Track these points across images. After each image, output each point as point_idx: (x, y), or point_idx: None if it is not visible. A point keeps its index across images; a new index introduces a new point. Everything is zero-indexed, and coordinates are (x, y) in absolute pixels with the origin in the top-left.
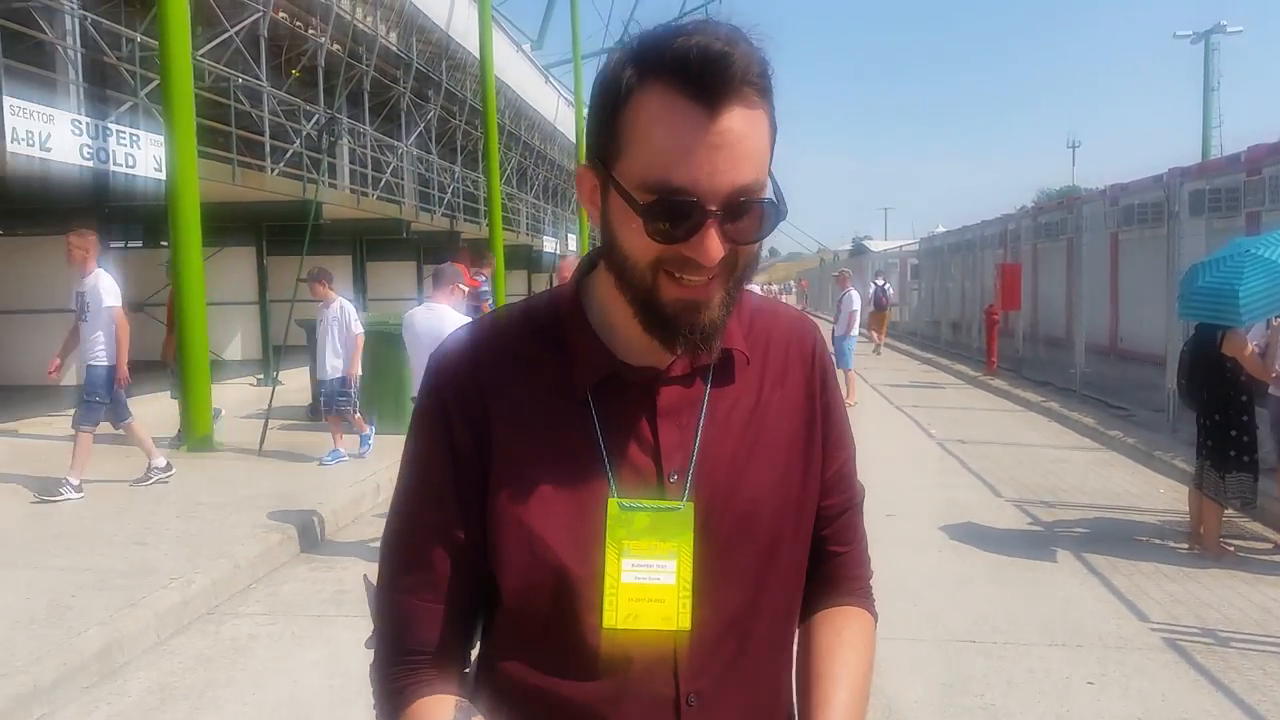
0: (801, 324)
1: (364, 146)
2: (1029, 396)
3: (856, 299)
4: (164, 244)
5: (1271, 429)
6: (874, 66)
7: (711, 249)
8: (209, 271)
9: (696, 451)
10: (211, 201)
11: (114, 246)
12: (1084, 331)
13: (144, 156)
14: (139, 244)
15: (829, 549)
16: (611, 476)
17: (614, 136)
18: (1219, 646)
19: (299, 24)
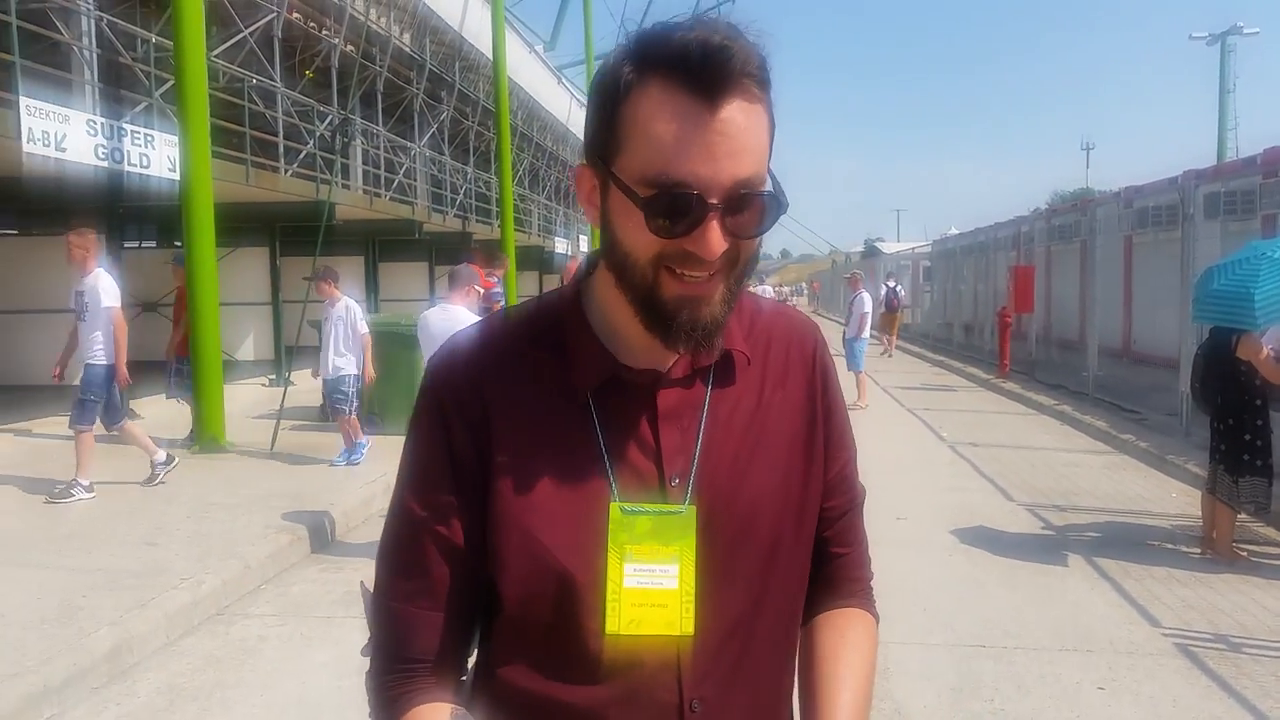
0: (802, 325)
1: (377, 147)
2: (1041, 399)
3: (868, 301)
4: (177, 244)
5: None
6: (888, 68)
7: (713, 242)
8: (222, 272)
9: (698, 454)
10: (225, 202)
11: (128, 246)
12: (1097, 334)
13: (158, 157)
14: (153, 244)
15: (831, 550)
16: (613, 480)
17: (613, 133)
18: (1231, 652)
19: (313, 25)
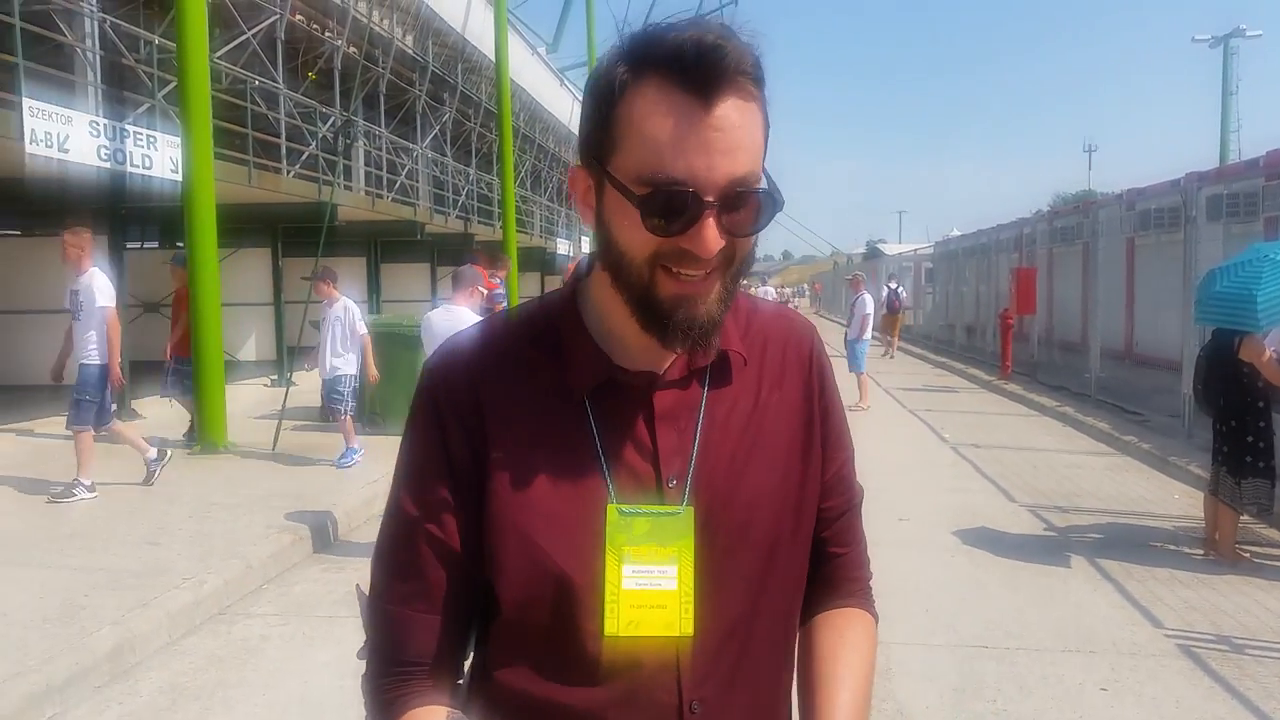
0: (799, 326)
1: (379, 149)
2: (1043, 401)
3: (870, 302)
4: (179, 245)
5: None
6: (890, 69)
7: (709, 240)
8: (224, 273)
9: (695, 455)
10: (227, 203)
11: (130, 247)
12: (1099, 336)
13: (161, 158)
14: (155, 245)
15: (829, 550)
16: (610, 482)
17: (609, 132)
18: (1234, 653)
19: (315, 27)
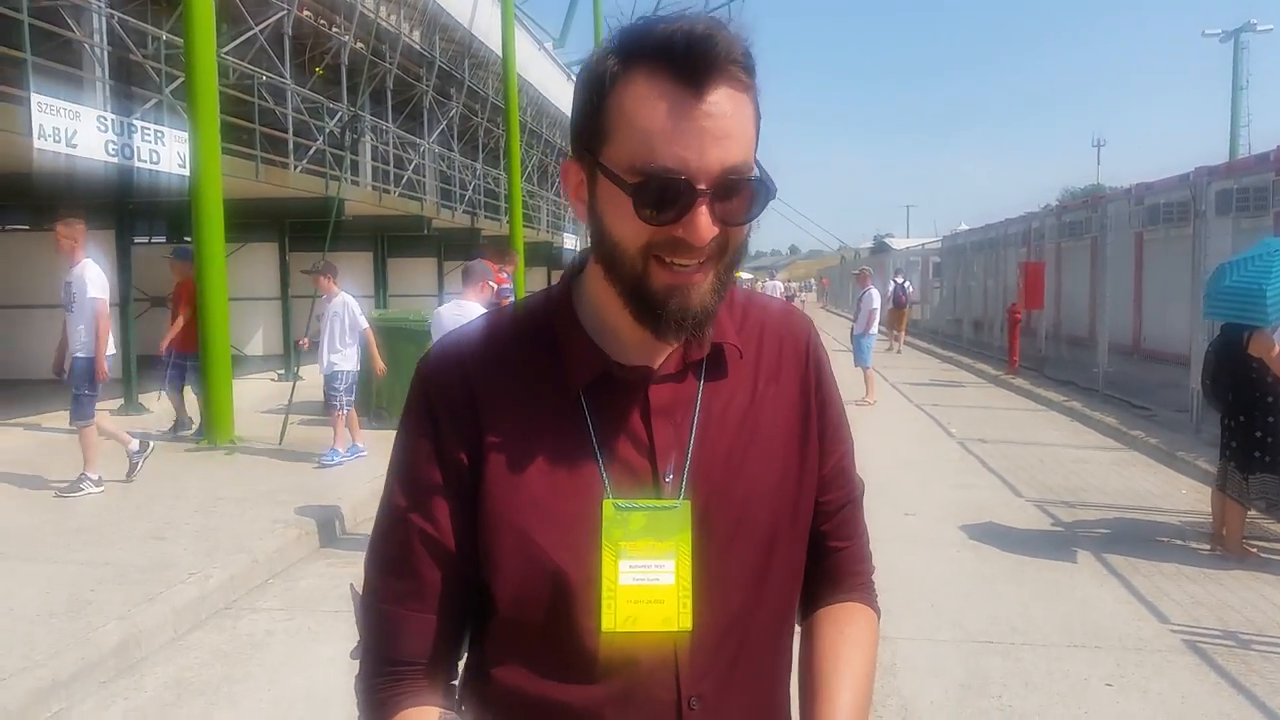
0: (795, 319)
1: (386, 144)
2: (1051, 396)
3: (876, 297)
4: (187, 239)
5: None
6: (898, 65)
7: (702, 228)
8: (232, 267)
9: (692, 449)
10: (234, 198)
11: (138, 242)
12: (1107, 331)
13: (168, 153)
14: (163, 239)
15: (829, 544)
16: (606, 477)
17: (600, 124)
18: (1240, 649)
19: (323, 22)
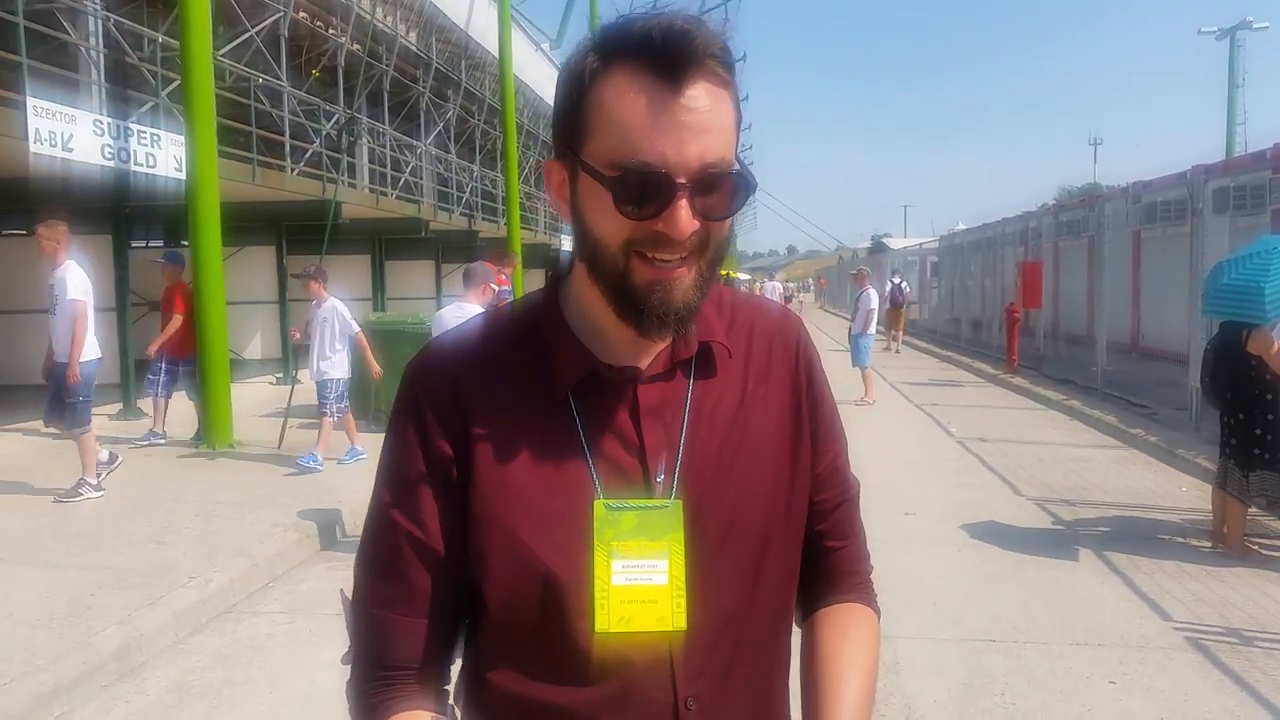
0: (785, 319)
1: (383, 146)
2: (1050, 394)
3: (874, 297)
4: (184, 243)
5: None
6: (896, 66)
7: (682, 222)
8: (229, 271)
9: (682, 448)
10: (231, 201)
11: (135, 246)
12: (1106, 329)
13: (165, 156)
14: (160, 243)
15: (826, 544)
16: (596, 477)
17: (580, 121)
18: (1243, 646)
19: (319, 24)
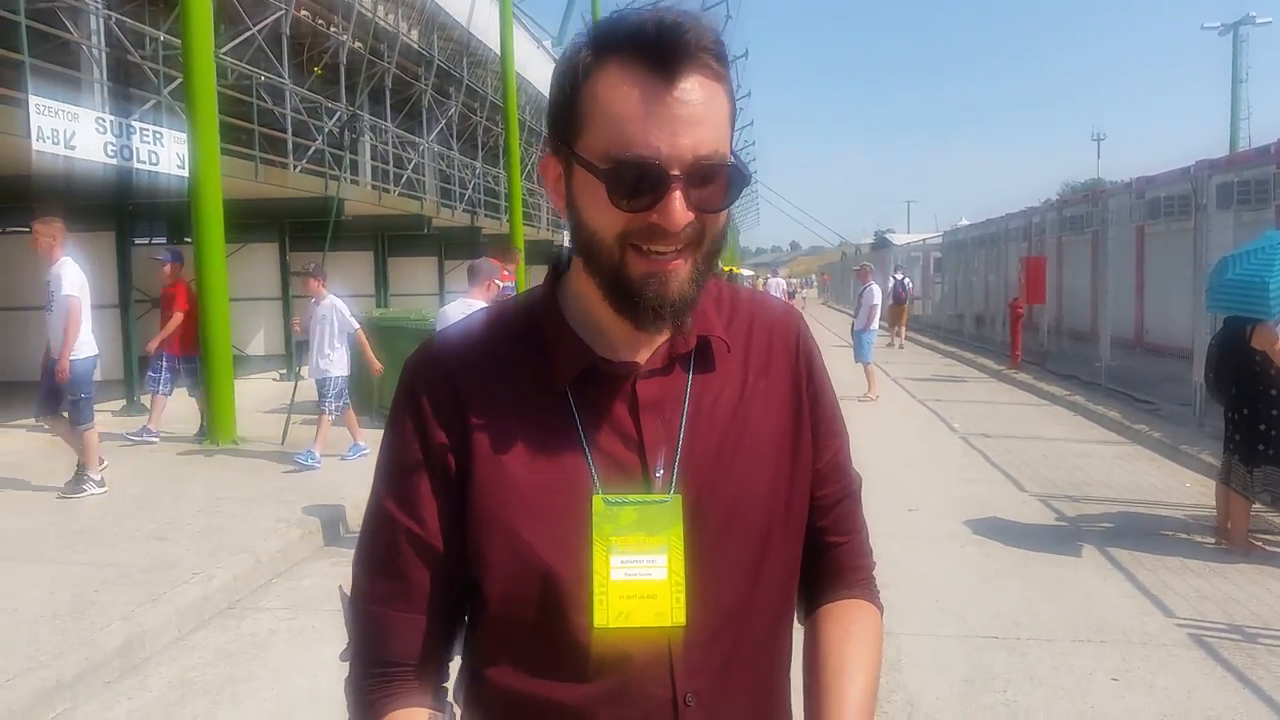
0: (784, 313)
1: (385, 143)
2: (1053, 390)
3: (877, 293)
4: (187, 240)
5: None
6: (900, 64)
7: (677, 213)
8: (232, 268)
9: (681, 443)
10: (234, 198)
11: (138, 243)
12: (1109, 325)
13: (167, 154)
14: (163, 241)
15: (828, 540)
16: (595, 472)
17: (575, 115)
18: (1246, 643)
19: (321, 22)
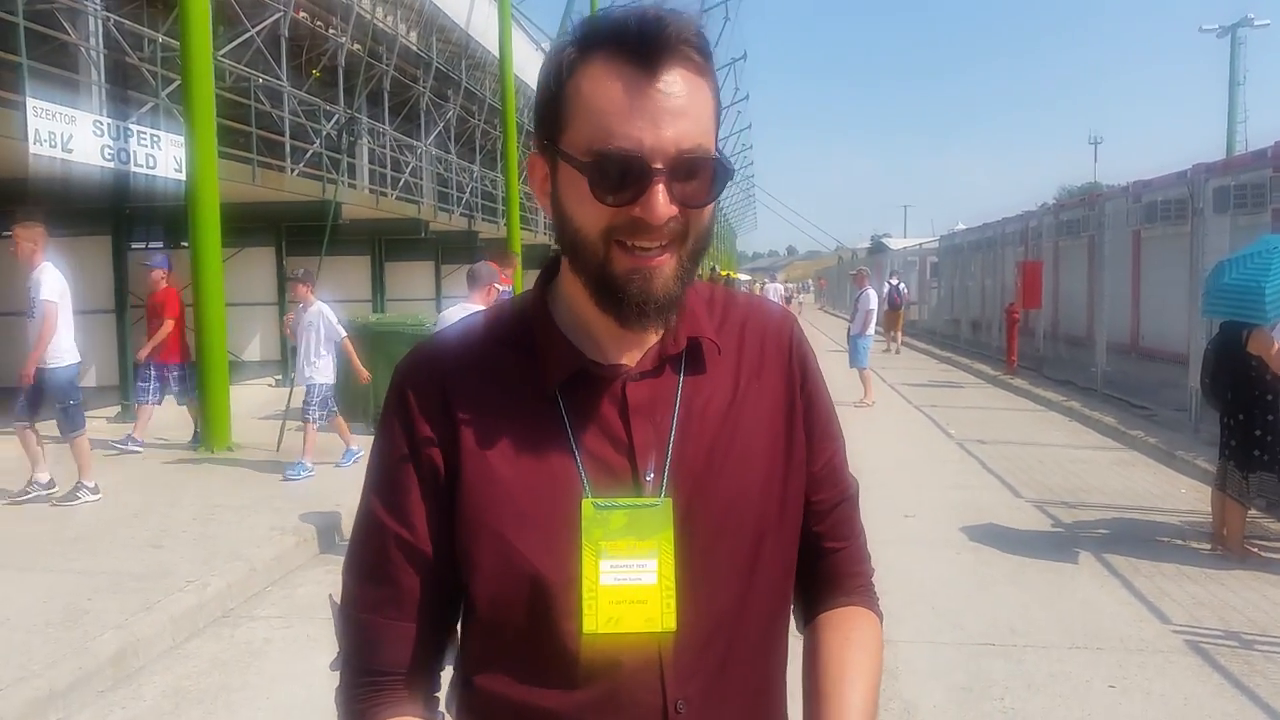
0: (778, 316)
1: (383, 146)
2: (1050, 396)
3: (873, 298)
4: (184, 244)
5: None
6: (896, 67)
7: (659, 207)
8: (228, 272)
9: (672, 446)
10: (231, 202)
11: (135, 247)
12: (1105, 330)
13: (164, 157)
14: (159, 244)
15: (825, 545)
16: (584, 476)
17: (559, 111)
18: (1242, 649)
19: (319, 24)
